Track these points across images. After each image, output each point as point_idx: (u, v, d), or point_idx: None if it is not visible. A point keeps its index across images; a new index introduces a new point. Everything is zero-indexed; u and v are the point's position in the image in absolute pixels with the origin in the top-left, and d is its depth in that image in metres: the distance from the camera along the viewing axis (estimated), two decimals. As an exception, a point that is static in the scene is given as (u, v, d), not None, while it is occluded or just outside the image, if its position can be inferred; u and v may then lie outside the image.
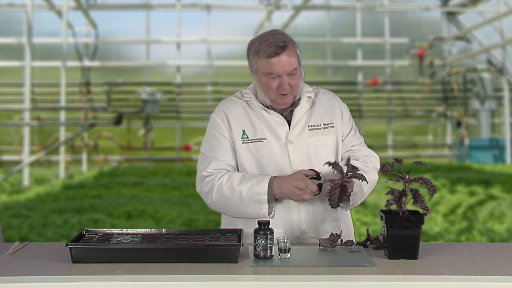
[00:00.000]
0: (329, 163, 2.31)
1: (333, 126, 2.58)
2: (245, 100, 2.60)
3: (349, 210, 2.63)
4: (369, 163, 2.56)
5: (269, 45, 2.43)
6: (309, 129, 2.55)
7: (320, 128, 2.56)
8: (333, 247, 2.31)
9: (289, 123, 2.55)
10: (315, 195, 2.42)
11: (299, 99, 2.56)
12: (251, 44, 2.52)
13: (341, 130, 2.60)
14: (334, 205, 2.31)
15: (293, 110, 2.56)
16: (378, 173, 2.58)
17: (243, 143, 2.54)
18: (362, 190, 2.49)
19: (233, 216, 2.55)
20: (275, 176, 2.47)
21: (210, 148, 2.58)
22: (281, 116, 2.55)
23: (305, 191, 2.39)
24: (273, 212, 2.49)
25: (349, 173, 2.29)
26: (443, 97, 18.02)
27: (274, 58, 2.42)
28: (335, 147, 2.57)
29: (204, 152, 2.59)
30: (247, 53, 2.53)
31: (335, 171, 2.32)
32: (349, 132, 2.62)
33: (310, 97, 2.60)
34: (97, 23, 17.36)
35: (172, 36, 18.13)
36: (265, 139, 2.53)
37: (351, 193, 2.38)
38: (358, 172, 2.30)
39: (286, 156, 2.52)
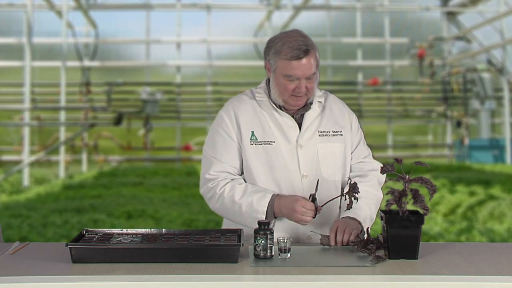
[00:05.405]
0: (349, 180, 2.35)
1: (342, 135, 2.55)
2: (256, 100, 2.55)
3: None
4: (374, 179, 2.56)
5: (292, 47, 2.39)
6: (319, 135, 2.52)
7: (330, 135, 2.54)
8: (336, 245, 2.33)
9: (299, 126, 2.52)
10: (316, 214, 2.38)
11: (310, 103, 2.53)
12: (272, 43, 2.47)
13: (350, 140, 2.57)
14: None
15: (303, 114, 2.53)
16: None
17: (252, 144, 2.49)
18: (371, 218, 2.51)
19: (235, 222, 2.52)
20: (278, 194, 2.44)
21: (214, 147, 2.52)
22: (292, 119, 2.51)
23: (305, 212, 2.36)
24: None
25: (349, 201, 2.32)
26: (443, 97, 18.02)
27: (295, 61, 2.40)
28: (343, 156, 2.55)
29: (208, 151, 2.53)
30: (266, 51, 2.49)
31: (347, 193, 2.31)
32: (358, 143, 2.61)
33: (320, 102, 2.57)
34: (97, 23, 17.36)
35: (172, 36, 18.13)
36: (274, 142, 2.49)
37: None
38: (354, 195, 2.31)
39: (295, 160, 2.49)
